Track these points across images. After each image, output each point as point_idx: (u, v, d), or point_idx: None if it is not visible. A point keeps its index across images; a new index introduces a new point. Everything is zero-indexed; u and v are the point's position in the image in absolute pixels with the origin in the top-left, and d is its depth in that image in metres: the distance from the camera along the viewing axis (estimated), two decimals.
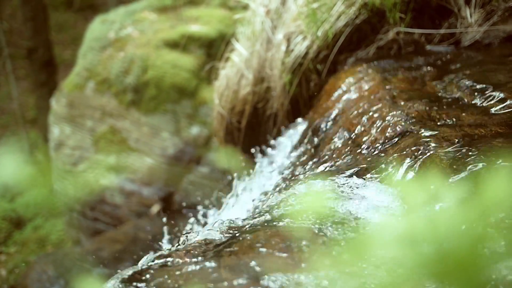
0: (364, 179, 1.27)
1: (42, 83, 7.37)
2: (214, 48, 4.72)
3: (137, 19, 5.17)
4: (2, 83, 8.71)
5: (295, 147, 2.06)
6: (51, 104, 5.18)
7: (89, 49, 5.08)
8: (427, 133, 1.34)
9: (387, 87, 1.76)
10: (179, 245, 1.07)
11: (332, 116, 1.91)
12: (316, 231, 0.96)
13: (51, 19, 8.39)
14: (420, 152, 1.25)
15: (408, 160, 1.25)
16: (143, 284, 0.89)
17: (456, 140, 1.26)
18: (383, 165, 1.29)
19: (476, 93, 1.58)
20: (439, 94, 1.67)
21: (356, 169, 1.35)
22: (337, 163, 1.52)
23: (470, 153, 1.15)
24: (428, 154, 1.23)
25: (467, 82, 1.65)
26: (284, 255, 0.88)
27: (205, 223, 2.54)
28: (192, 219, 2.51)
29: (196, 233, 1.11)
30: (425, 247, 0.41)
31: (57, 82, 7.06)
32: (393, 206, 1.05)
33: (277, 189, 1.42)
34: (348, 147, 1.59)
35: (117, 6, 6.17)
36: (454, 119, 1.44)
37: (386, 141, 1.45)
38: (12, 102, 7.97)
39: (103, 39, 5.07)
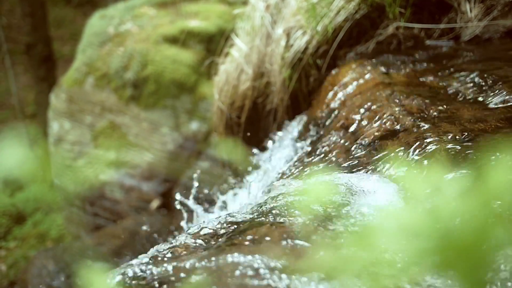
0: (365, 173, 1.27)
1: (41, 79, 7.35)
2: (213, 43, 4.72)
3: (137, 14, 5.16)
4: (1, 78, 8.70)
5: (295, 142, 2.06)
6: (51, 100, 5.17)
7: (88, 44, 5.07)
8: (427, 128, 1.35)
9: (387, 82, 1.76)
10: (179, 239, 1.08)
11: (332, 111, 1.91)
12: (318, 225, 0.96)
13: (50, 14, 8.37)
14: (420, 146, 1.26)
15: (408, 154, 1.26)
16: (144, 278, 0.90)
17: (456, 134, 1.26)
18: (383, 159, 1.30)
19: (475, 88, 1.58)
20: (439, 88, 1.68)
21: (356, 163, 1.35)
22: (338, 158, 1.52)
23: (470, 147, 1.16)
24: (428, 148, 1.23)
25: (467, 77, 1.65)
26: (286, 248, 0.89)
27: (206, 217, 2.54)
28: (192, 214, 2.52)
29: (197, 227, 1.12)
30: (428, 238, 0.42)
31: (56, 78, 7.05)
32: (395, 199, 1.06)
33: (278, 183, 1.42)
34: (348, 142, 1.60)
35: (116, 1, 6.15)
36: (454, 114, 1.44)
37: (386, 135, 1.45)
38: (12, 97, 7.96)
39: (103, 35, 5.06)
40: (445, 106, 1.50)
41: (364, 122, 1.60)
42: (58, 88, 5.12)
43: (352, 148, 1.54)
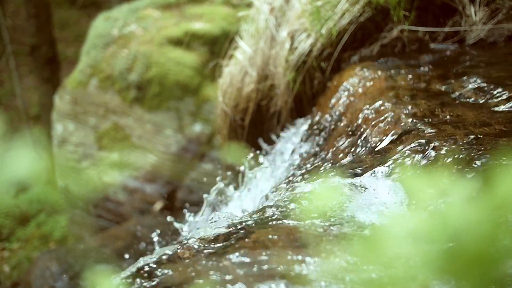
0: (370, 176, 1.27)
1: (45, 80, 7.37)
2: (217, 46, 4.72)
3: (141, 16, 5.17)
4: (5, 80, 8.73)
5: (299, 145, 2.06)
6: (55, 101, 5.18)
7: (93, 46, 5.08)
8: (432, 131, 1.35)
9: (391, 85, 1.76)
10: (183, 241, 1.08)
11: (336, 114, 1.91)
12: (324, 228, 0.96)
13: (54, 16, 8.39)
14: (425, 150, 1.26)
15: (413, 157, 1.26)
16: (148, 280, 0.90)
17: (461, 138, 1.26)
18: (388, 163, 1.30)
19: (480, 92, 1.58)
20: (443, 92, 1.67)
21: (361, 166, 1.35)
22: (342, 161, 1.52)
23: (475, 151, 1.16)
24: (433, 152, 1.23)
25: (471, 80, 1.65)
26: (292, 251, 0.88)
27: (209, 220, 2.54)
28: (195, 216, 2.52)
29: (200, 229, 1.12)
30: (435, 243, 0.42)
31: (61, 79, 7.07)
32: (401, 203, 1.05)
33: (283, 185, 1.42)
34: (353, 145, 1.60)
35: (120, 3, 6.16)
36: (458, 117, 1.44)
37: (391, 138, 1.45)
38: (16, 99, 7.99)
39: (107, 36, 5.07)
40: (449, 110, 1.49)
41: (369, 125, 1.60)
42: (62, 90, 5.13)
43: (357, 151, 1.54)
